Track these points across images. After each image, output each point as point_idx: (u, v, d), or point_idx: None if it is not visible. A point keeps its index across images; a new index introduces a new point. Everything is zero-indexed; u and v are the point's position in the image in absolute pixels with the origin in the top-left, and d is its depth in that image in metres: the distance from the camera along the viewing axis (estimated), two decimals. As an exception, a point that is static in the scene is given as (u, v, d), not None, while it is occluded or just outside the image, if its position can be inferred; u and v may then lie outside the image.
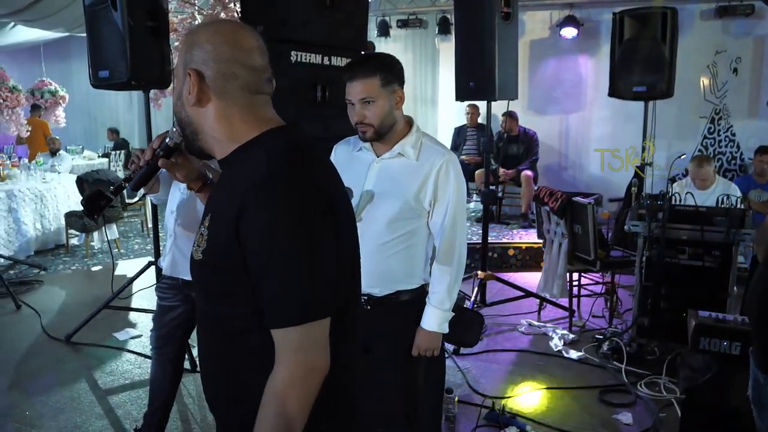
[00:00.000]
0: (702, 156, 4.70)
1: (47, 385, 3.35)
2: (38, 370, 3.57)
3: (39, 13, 6.86)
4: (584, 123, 7.38)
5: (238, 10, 5.18)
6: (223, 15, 5.36)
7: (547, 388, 3.31)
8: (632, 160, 6.79)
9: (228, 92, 1.08)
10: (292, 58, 3.42)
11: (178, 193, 2.38)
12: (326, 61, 3.58)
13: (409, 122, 1.97)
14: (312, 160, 1.07)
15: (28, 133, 7.71)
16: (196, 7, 5.84)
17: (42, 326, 4.20)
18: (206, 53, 1.07)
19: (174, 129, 1.25)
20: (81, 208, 5.92)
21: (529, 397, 3.21)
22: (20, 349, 3.88)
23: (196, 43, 1.08)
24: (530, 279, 5.12)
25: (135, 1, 3.46)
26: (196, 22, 5.61)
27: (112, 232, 6.19)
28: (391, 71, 1.85)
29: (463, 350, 3.68)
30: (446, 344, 3.11)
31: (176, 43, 5.47)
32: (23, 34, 8.62)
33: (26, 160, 7.58)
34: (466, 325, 2.66)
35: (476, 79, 4.14)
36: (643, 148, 4.93)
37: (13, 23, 7.95)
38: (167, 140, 1.30)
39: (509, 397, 3.19)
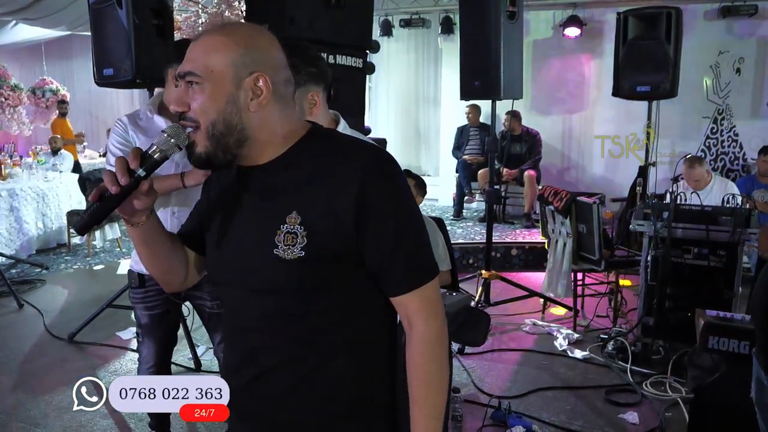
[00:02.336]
0: (693, 157, 4.66)
1: (51, 384, 3.34)
2: (42, 369, 3.56)
3: (41, 12, 6.86)
4: (587, 123, 7.37)
5: (243, 9, 5.19)
6: (227, 14, 5.36)
7: (552, 388, 3.31)
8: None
9: (286, 95, 1.10)
10: (297, 56, 3.41)
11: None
12: (332, 60, 3.57)
13: None
14: None
15: (30, 132, 7.70)
16: (200, 6, 5.84)
17: (45, 325, 4.19)
18: (273, 58, 1.07)
19: (165, 136, 1.04)
20: (83, 207, 5.88)
21: (534, 397, 3.21)
22: (23, 348, 3.87)
23: (256, 46, 1.05)
24: (534, 278, 5.11)
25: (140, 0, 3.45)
26: (201, 21, 5.61)
27: (114, 231, 6.19)
28: None
29: (467, 349, 3.67)
30: (452, 343, 3.11)
31: (180, 42, 5.47)
32: (24, 32, 8.61)
33: (28, 159, 7.56)
34: (473, 324, 2.66)
35: (481, 78, 4.13)
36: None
37: (14, 21, 7.94)
38: (152, 152, 1.04)
39: (515, 396, 3.18)
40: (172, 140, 1.04)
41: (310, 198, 1.05)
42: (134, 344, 3.88)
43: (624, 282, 4.52)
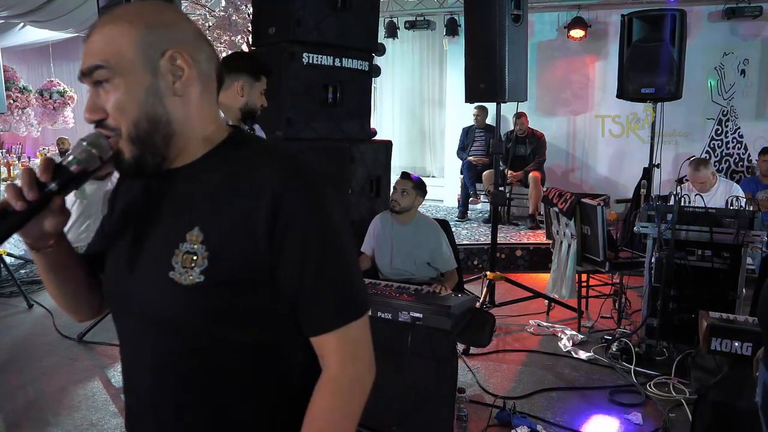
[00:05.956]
0: (698, 159, 4.68)
1: (61, 383, 3.38)
2: (52, 368, 3.60)
3: (50, 14, 6.92)
4: (592, 124, 7.39)
5: (250, 12, 5.24)
6: (234, 17, 5.41)
7: (556, 389, 3.33)
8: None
9: (209, 74, 0.94)
10: (304, 59, 3.46)
11: None
12: (338, 63, 3.61)
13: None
14: None
15: (38, 133, 7.77)
16: (207, 9, 5.89)
17: (55, 325, 4.23)
18: (186, 32, 0.92)
19: (85, 145, 0.87)
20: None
21: (538, 397, 3.23)
22: (34, 347, 3.92)
23: (159, 22, 0.89)
24: (538, 280, 5.13)
25: (149, 4, 3.49)
26: (208, 24, 5.65)
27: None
28: None
29: (472, 350, 3.70)
30: (457, 344, 3.14)
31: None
32: (32, 34, 8.69)
33: (36, 160, 7.64)
34: (479, 325, 2.70)
35: (486, 80, 4.16)
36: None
37: (22, 24, 8.02)
38: (67, 163, 0.86)
39: (519, 397, 3.20)
40: (93, 150, 0.87)
41: (217, 211, 0.89)
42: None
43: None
